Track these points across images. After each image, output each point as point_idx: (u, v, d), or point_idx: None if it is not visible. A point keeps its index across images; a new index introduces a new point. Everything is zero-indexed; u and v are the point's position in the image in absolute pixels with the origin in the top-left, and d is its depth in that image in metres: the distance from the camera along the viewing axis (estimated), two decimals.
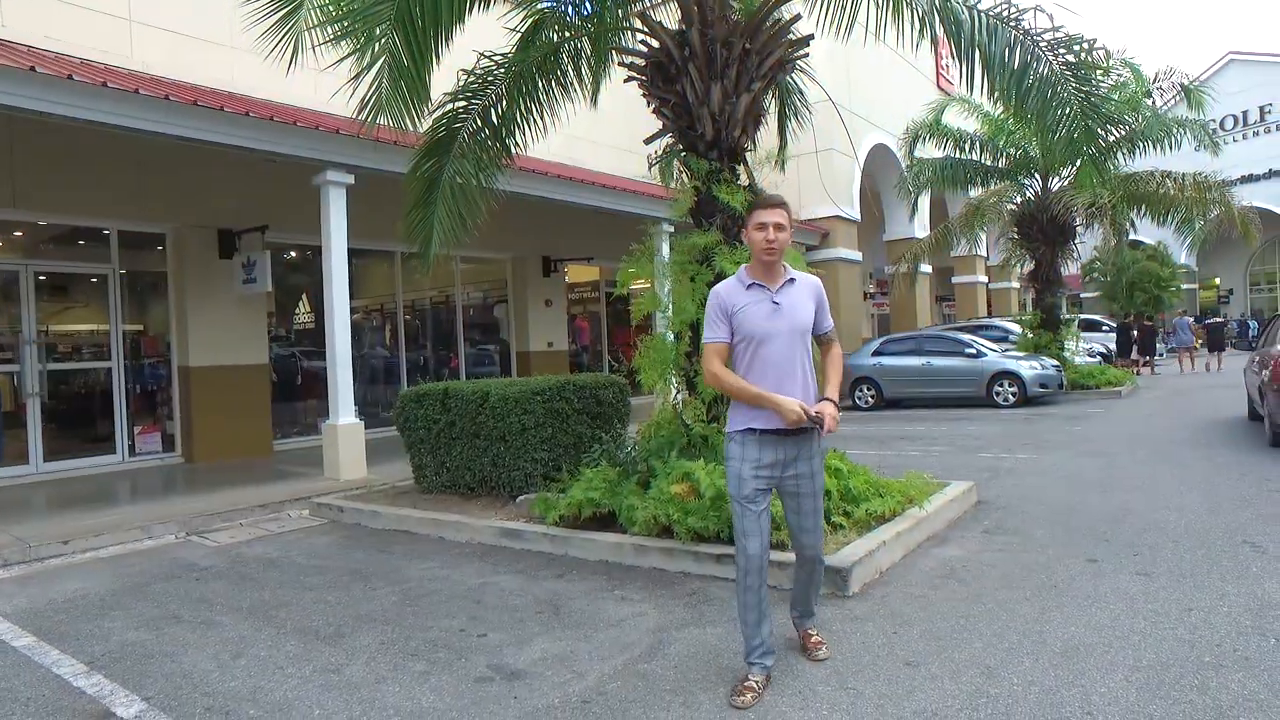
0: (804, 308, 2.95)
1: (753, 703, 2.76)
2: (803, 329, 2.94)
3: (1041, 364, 13.31)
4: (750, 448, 2.89)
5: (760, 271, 2.95)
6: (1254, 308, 36.66)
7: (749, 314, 2.89)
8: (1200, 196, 13.94)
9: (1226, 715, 2.50)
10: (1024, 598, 3.70)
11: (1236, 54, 35.64)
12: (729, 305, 2.93)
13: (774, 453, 2.88)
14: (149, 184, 9.00)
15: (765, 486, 2.91)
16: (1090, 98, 5.69)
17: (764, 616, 2.92)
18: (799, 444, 2.91)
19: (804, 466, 2.93)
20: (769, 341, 2.87)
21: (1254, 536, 4.58)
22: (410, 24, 4.14)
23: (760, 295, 2.91)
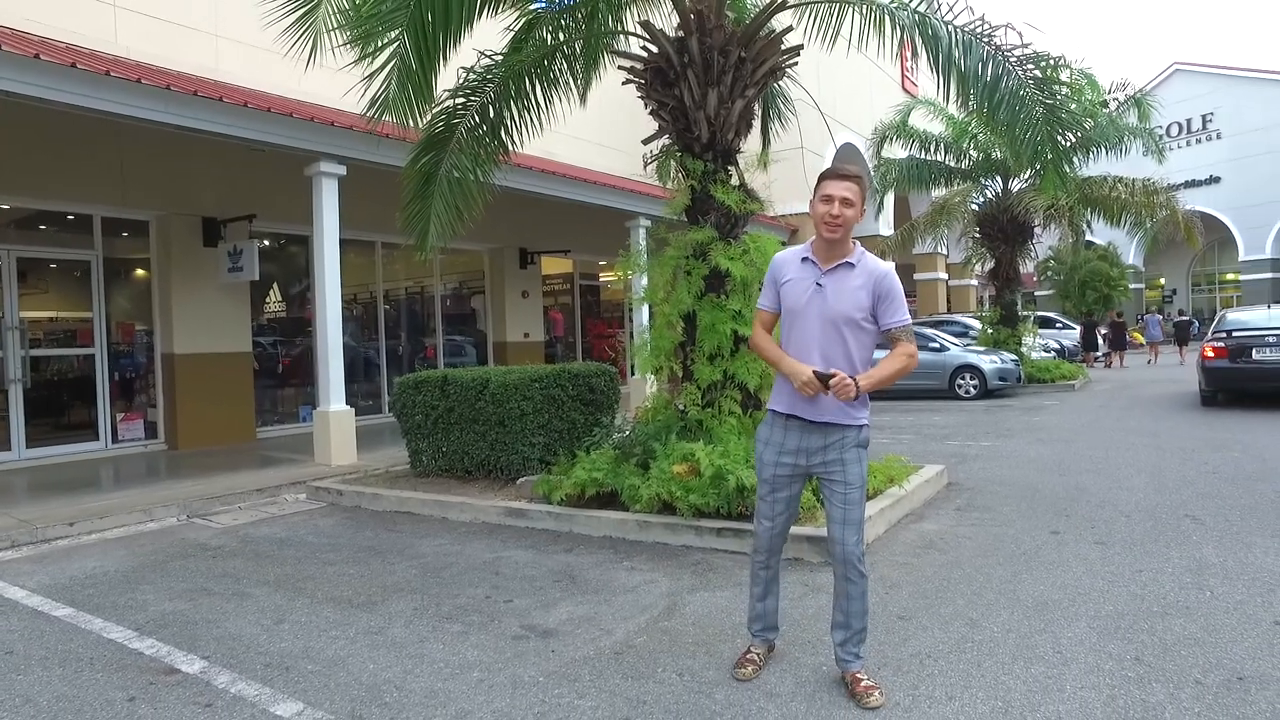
0: (850, 295, 2.69)
1: (753, 675, 2.84)
2: (840, 317, 2.69)
3: (1001, 358, 13.95)
4: (777, 430, 2.82)
5: (820, 247, 2.76)
6: (1195, 307, 38.26)
7: (790, 289, 2.78)
8: (1148, 201, 14.72)
9: (1171, 651, 2.93)
10: (997, 564, 4.12)
11: (1181, 64, 37.12)
12: (779, 275, 2.83)
13: (797, 439, 2.77)
14: (133, 171, 9.03)
15: (789, 472, 2.82)
16: (1055, 110, 6.13)
17: (768, 592, 2.95)
18: (827, 434, 2.73)
19: (833, 455, 2.74)
20: (800, 321, 2.75)
21: (1194, 511, 5.09)
22: (421, 29, 4.37)
23: (809, 272, 2.75)
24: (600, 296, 18.18)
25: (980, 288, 28.59)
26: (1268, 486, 5.76)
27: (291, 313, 11.84)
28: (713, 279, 5.72)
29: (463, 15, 5.26)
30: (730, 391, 5.63)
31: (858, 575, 2.73)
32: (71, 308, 9.53)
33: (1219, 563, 4.01)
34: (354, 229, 10.59)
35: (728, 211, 5.81)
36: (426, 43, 5.12)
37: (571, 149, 14.18)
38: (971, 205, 17.17)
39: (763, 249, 5.78)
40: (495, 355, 14.45)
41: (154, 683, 3.05)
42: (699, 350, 5.66)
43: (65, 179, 8.63)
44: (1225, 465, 6.63)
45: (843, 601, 2.76)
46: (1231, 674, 2.76)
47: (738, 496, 4.83)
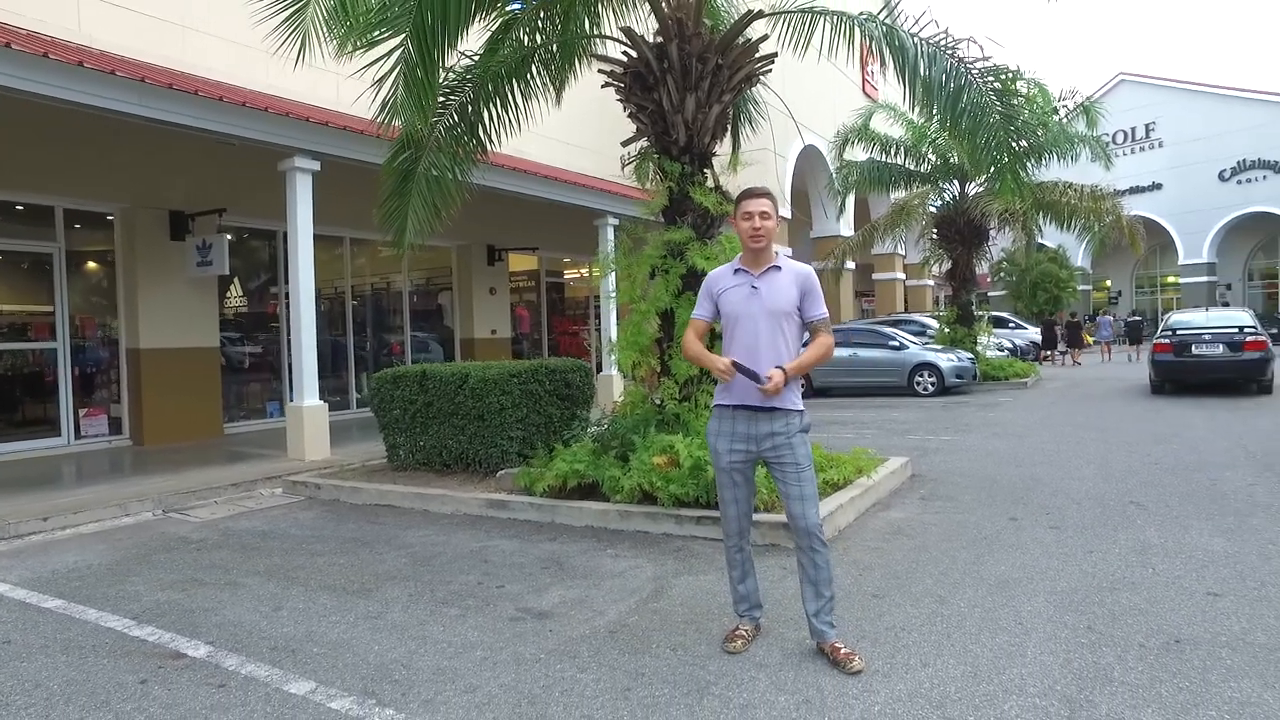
0: (784, 293, 3.07)
1: (743, 649, 3.07)
2: (779, 312, 3.05)
3: (958, 357, 14.43)
4: (725, 421, 3.12)
5: (748, 258, 3.16)
6: (1138, 308, 39.71)
7: (729, 296, 3.12)
8: (1096, 206, 15.36)
9: (1119, 620, 3.23)
10: (961, 547, 4.40)
11: (1126, 75, 38.51)
12: (715, 287, 3.20)
13: (747, 426, 3.06)
14: (97, 162, 8.91)
15: (741, 459, 3.10)
16: (1012, 120, 6.46)
17: (747, 574, 3.21)
18: (772, 419, 3.03)
19: (781, 439, 3.03)
20: (741, 322, 3.07)
21: (1139, 498, 5.46)
22: (423, 33, 4.47)
23: (743, 279, 3.12)
24: (565, 294, 18.30)
25: (936, 288, 29.38)
26: (1203, 476, 6.17)
27: (259, 308, 11.74)
28: (690, 277, 5.92)
29: (459, 17, 5.34)
30: (706, 386, 5.84)
31: (820, 544, 3.01)
32: (32, 301, 9.36)
33: (1160, 543, 4.35)
34: (323, 224, 10.53)
35: (704, 213, 6.02)
36: (428, 46, 5.16)
37: (541, 147, 14.25)
38: (930, 208, 17.71)
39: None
40: (463, 352, 14.48)
41: (162, 666, 3.13)
42: (676, 346, 5.85)
43: (26, 169, 8.48)
44: (1166, 457, 7.06)
45: (810, 571, 3.02)
46: (1170, 638, 3.05)
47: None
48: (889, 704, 2.60)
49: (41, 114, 7.34)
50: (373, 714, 2.65)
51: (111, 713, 2.75)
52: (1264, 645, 2.98)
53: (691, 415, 5.79)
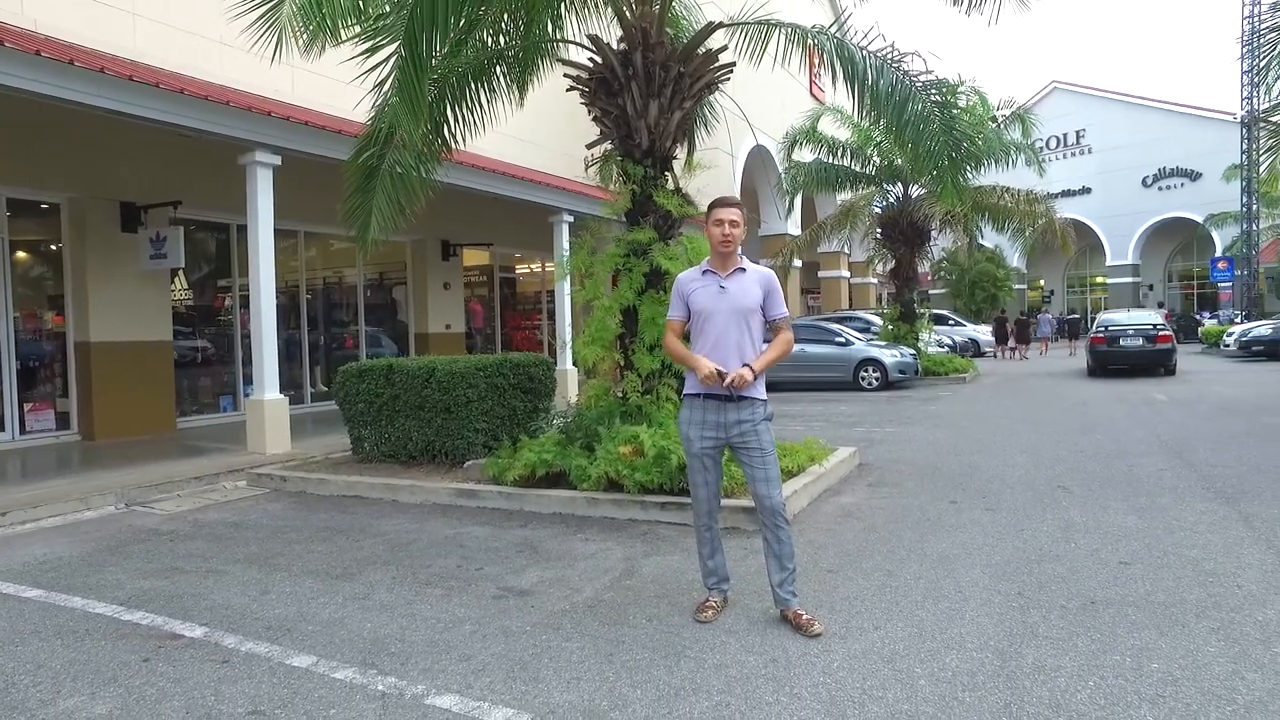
0: (750, 293, 3.35)
1: (713, 619, 3.33)
2: (744, 310, 3.32)
3: (901, 353, 15.03)
4: (696, 410, 3.37)
5: (716, 261, 3.43)
6: (1069, 307, 41.49)
7: (698, 295, 3.38)
8: (1031, 210, 16.16)
9: (1046, 587, 3.63)
10: (906, 528, 4.78)
11: (1059, 83, 40.18)
12: (685, 288, 3.46)
13: (716, 414, 3.32)
14: (45, 151, 8.74)
15: (711, 445, 3.36)
16: (953, 130, 6.89)
17: (715, 550, 3.48)
18: (740, 408, 3.30)
19: (747, 426, 3.30)
20: (712, 318, 3.33)
21: (1065, 483, 5.94)
22: (415, 40, 4.61)
23: (711, 280, 3.39)
24: (517, 289, 18.40)
25: (879, 285, 30.30)
26: (1121, 462, 6.71)
27: (212, 302, 11.61)
28: (652, 276, 6.19)
29: (448, 20, 5.42)
30: (668, 379, 6.13)
31: (784, 522, 3.32)
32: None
33: (1082, 522, 4.80)
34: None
35: (666, 214, 6.29)
36: (417, 54, 5.22)
37: (496, 143, 14.30)
38: (874, 208, 18.34)
39: (699, 250, 6.28)
40: (417, 346, 14.50)
41: (162, 646, 3.27)
42: (640, 341, 6.12)
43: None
44: (1090, 446, 7.62)
45: (774, 546, 3.31)
46: (1087, 600, 3.46)
47: (679, 474, 5.31)
48: (846, 660, 2.92)
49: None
50: (376, 682, 2.85)
51: (121, 687, 2.89)
52: (1162, 603, 3.40)
53: (654, 407, 6.06)
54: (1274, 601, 3.40)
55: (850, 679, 2.77)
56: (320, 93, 10.60)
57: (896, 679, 2.75)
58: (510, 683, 2.82)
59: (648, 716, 2.55)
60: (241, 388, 11.25)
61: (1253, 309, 26.89)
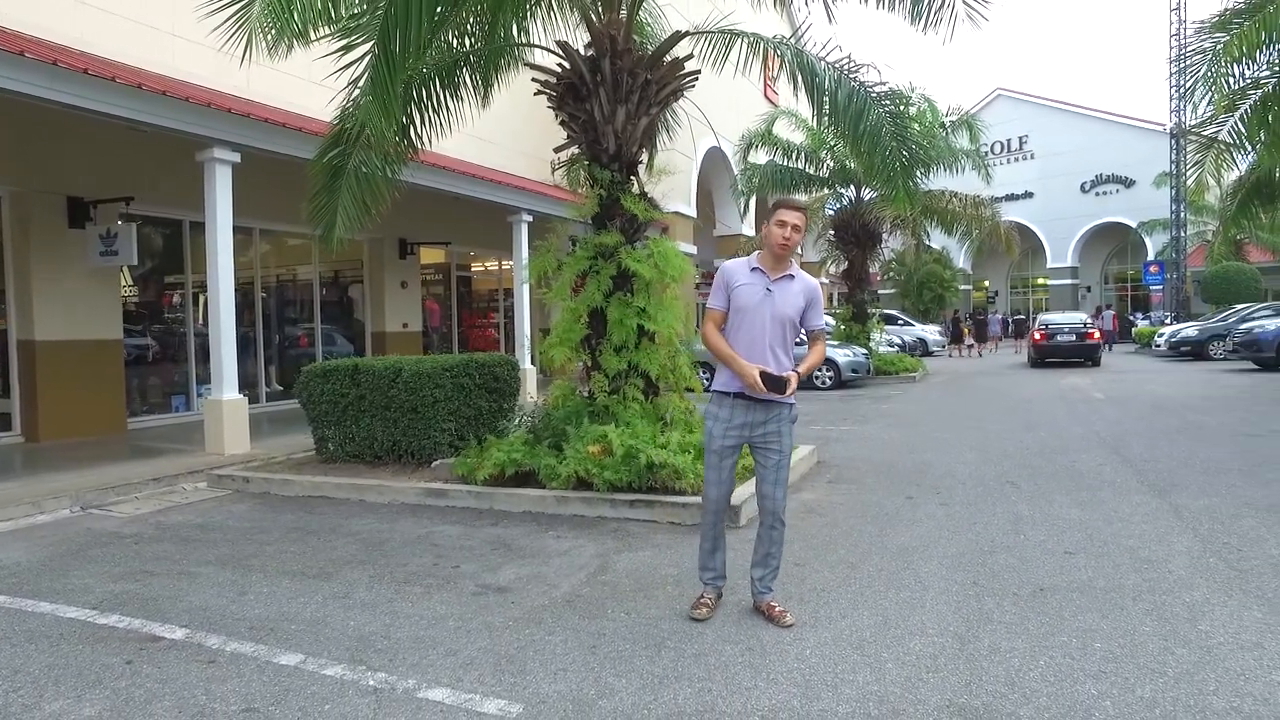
0: (793, 301, 3.31)
1: (707, 615, 3.38)
2: (786, 317, 3.29)
3: (853, 352, 15.43)
4: (725, 408, 3.34)
5: (767, 260, 3.34)
6: (1013, 307, 42.87)
7: (743, 292, 3.31)
8: (977, 214, 16.73)
9: (997, 576, 3.87)
10: (866, 522, 5.00)
11: (1003, 90, 41.48)
12: (731, 281, 3.35)
13: (745, 414, 3.31)
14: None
15: (734, 443, 3.35)
16: (906, 140, 7.17)
17: (718, 548, 3.50)
18: (769, 410, 3.31)
19: (773, 427, 3.33)
20: (750, 318, 3.28)
21: (1013, 478, 6.26)
22: (388, 39, 4.64)
23: (758, 279, 3.31)
24: (473, 287, 18.33)
25: (830, 285, 30.92)
26: (1064, 458, 7.08)
27: (160, 299, 11.35)
28: (619, 279, 6.32)
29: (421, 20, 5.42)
30: (634, 380, 6.27)
31: (781, 524, 3.42)
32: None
33: (1029, 515, 5.09)
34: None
35: (633, 218, 6.42)
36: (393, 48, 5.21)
37: (457, 143, 14.19)
38: (827, 211, 18.76)
39: (664, 253, 6.44)
40: (374, 345, 14.37)
41: (144, 648, 3.28)
42: (607, 342, 6.24)
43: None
44: (1035, 443, 8.00)
45: (766, 544, 3.42)
46: (1036, 587, 3.71)
47: (647, 472, 5.46)
48: (817, 647, 3.10)
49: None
50: (366, 678, 2.93)
51: (107, 689, 2.91)
52: (1103, 588, 3.67)
53: (620, 407, 6.18)
54: (1200, 585, 3.70)
55: (822, 664, 2.94)
56: (276, 88, 10.45)
57: (865, 663, 2.94)
58: (499, 675, 2.92)
59: (634, 704, 2.68)
60: (195, 387, 11.04)
61: (1181, 311, 28.20)
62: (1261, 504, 5.22)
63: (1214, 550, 4.24)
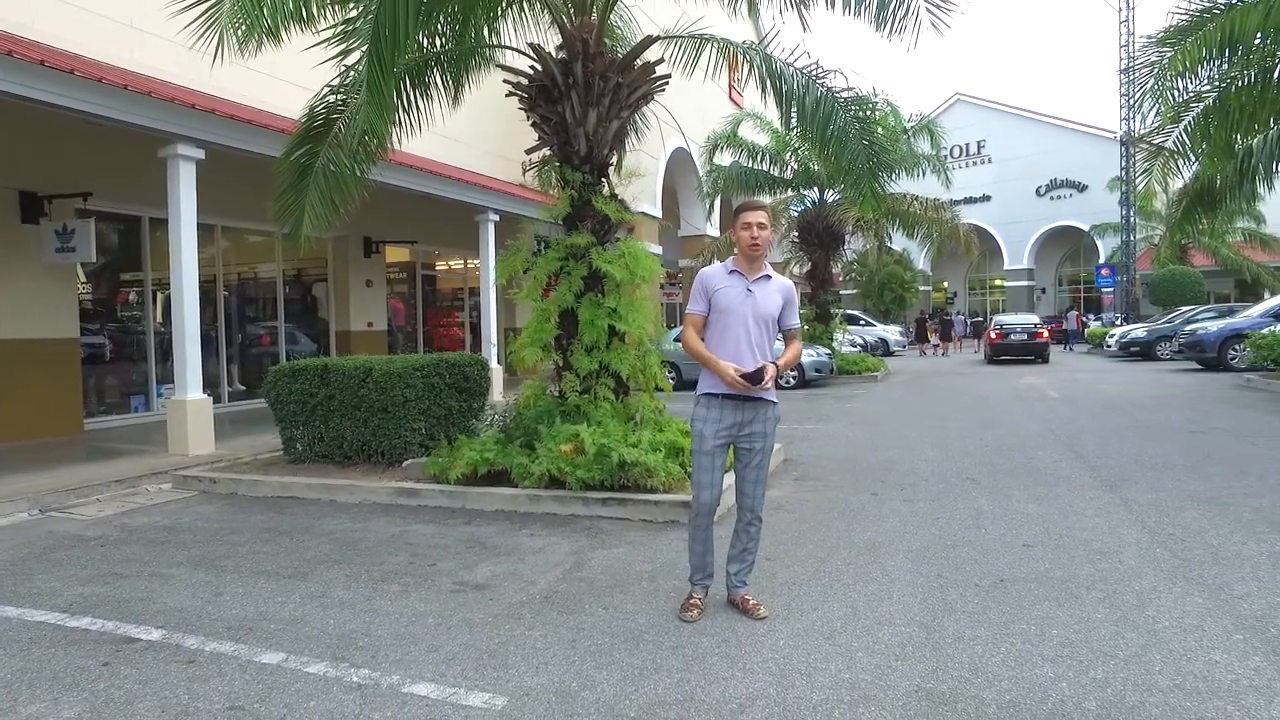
0: (772, 300, 3.41)
1: (698, 617, 3.36)
2: (766, 316, 3.38)
3: (817, 352, 15.68)
4: (714, 409, 3.38)
5: (743, 263, 3.43)
6: (971, 308, 43.80)
7: (724, 295, 3.38)
8: (937, 217, 17.12)
9: (960, 568, 4.03)
10: (833, 518, 5.15)
11: (962, 95, 42.38)
12: (711, 285, 3.42)
13: (734, 415, 3.37)
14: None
15: (723, 443, 3.40)
16: (873, 145, 7.34)
17: (708, 549, 3.53)
18: (756, 409, 3.38)
19: (759, 427, 3.41)
20: (733, 320, 3.35)
21: (974, 475, 6.47)
22: (380, 49, 4.65)
23: (737, 281, 3.39)
24: (438, 286, 18.23)
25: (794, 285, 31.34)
26: (1021, 455, 7.33)
27: (121, 297, 11.12)
28: (590, 279, 6.38)
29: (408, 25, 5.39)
30: (605, 380, 6.34)
31: (759, 520, 3.54)
32: None
33: (990, 510, 5.28)
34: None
35: (604, 219, 6.49)
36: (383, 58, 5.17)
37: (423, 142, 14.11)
38: (792, 212, 19.02)
39: (635, 254, 6.52)
40: (339, 345, 14.23)
41: (119, 650, 3.27)
42: (579, 343, 6.31)
43: None
44: (993, 441, 8.25)
45: (744, 540, 3.53)
46: (997, 578, 3.87)
47: (620, 471, 5.53)
48: (791, 638, 3.21)
49: None
50: (349, 674, 2.96)
51: (85, 691, 2.90)
52: (1059, 579, 3.85)
53: (592, 406, 6.25)
54: (1148, 574, 3.90)
55: (796, 654, 3.05)
56: (240, 83, 10.28)
57: (837, 652, 3.06)
58: (481, 669, 2.98)
59: (616, 694, 2.76)
60: (155, 387, 10.84)
61: (1130, 313, 29.13)
62: (1203, 497, 5.48)
63: (1160, 541, 4.46)
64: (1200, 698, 2.65)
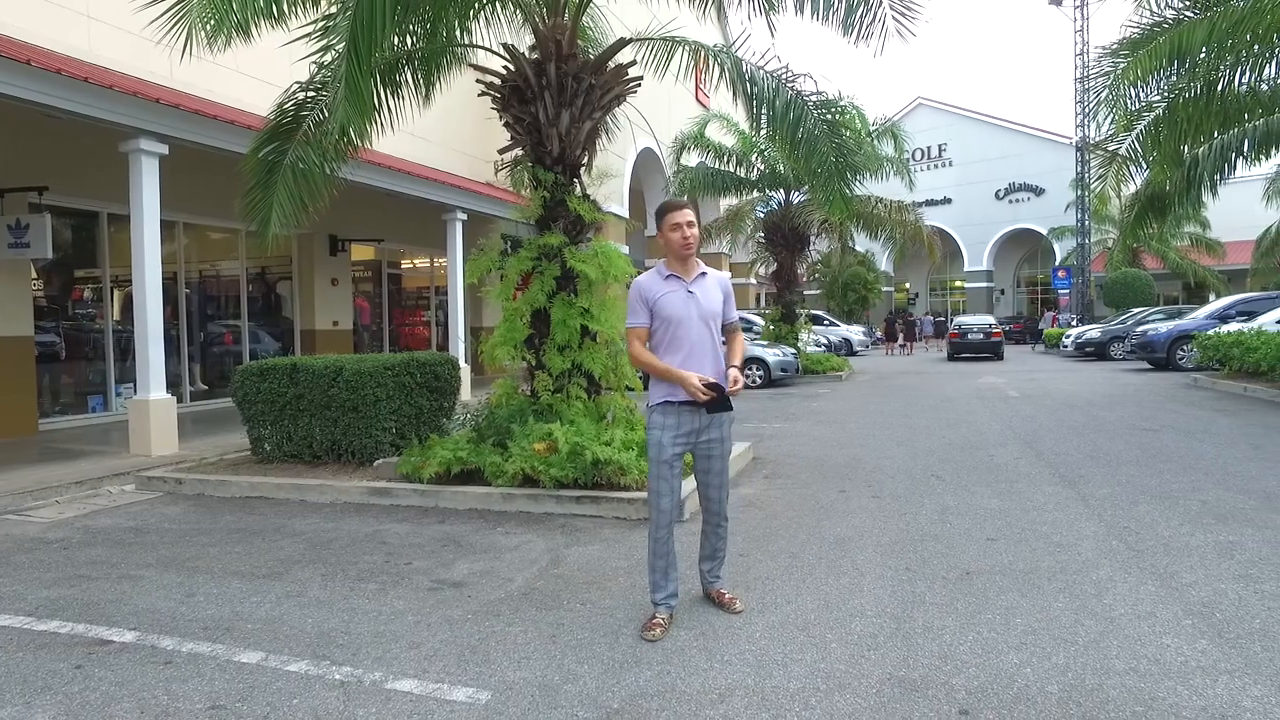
0: (714, 297, 3.37)
1: (661, 636, 3.21)
2: (712, 315, 3.35)
3: (783, 352, 15.87)
4: (670, 417, 3.30)
5: (677, 265, 3.37)
6: (934, 309, 44.59)
7: (666, 301, 3.29)
8: (900, 219, 17.43)
9: (927, 562, 4.15)
10: (804, 515, 5.25)
11: (924, 99, 43.12)
12: (650, 295, 3.32)
13: (691, 421, 3.31)
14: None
15: (681, 451, 3.33)
16: (841, 148, 7.47)
17: (671, 565, 3.36)
18: (714, 414, 3.33)
19: (716, 433, 3.36)
20: (683, 324, 3.28)
21: (939, 472, 6.63)
22: (357, 42, 4.62)
23: (677, 285, 3.33)
24: (403, 285, 18.08)
25: (758, 286, 31.59)
26: (983, 453, 7.53)
27: (76, 294, 10.84)
28: (563, 279, 6.42)
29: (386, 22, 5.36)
30: (578, 379, 6.39)
31: (726, 520, 3.55)
32: None
33: (955, 505, 5.43)
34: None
35: (577, 219, 6.54)
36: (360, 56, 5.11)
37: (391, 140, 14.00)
38: (757, 213, 19.22)
39: (608, 254, 6.57)
40: (303, 344, 14.05)
41: (91, 652, 3.23)
42: (551, 342, 6.34)
43: None
44: (956, 439, 8.46)
45: (713, 540, 3.55)
46: (963, 571, 4.00)
47: (593, 469, 5.58)
48: (766, 629, 3.29)
49: None
50: (331, 672, 2.97)
51: (58, 695, 2.87)
52: (1022, 571, 3.99)
53: (564, 405, 6.29)
54: (1105, 564, 4.06)
55: (772, 646, 3.13)
56: (202, 76, 10.11)
57: (811, 643, 3.14)
58: (463, 665, 3.01)
59: (598, 686, 2.81)
60: (113, 386, 10.61)
61: (1085, 314, 29.95)
62: (1156, 492, 5.71)
63: (1116, 533, 4.64)
64: (1153, 679, 2.79)
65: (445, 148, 15.51)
